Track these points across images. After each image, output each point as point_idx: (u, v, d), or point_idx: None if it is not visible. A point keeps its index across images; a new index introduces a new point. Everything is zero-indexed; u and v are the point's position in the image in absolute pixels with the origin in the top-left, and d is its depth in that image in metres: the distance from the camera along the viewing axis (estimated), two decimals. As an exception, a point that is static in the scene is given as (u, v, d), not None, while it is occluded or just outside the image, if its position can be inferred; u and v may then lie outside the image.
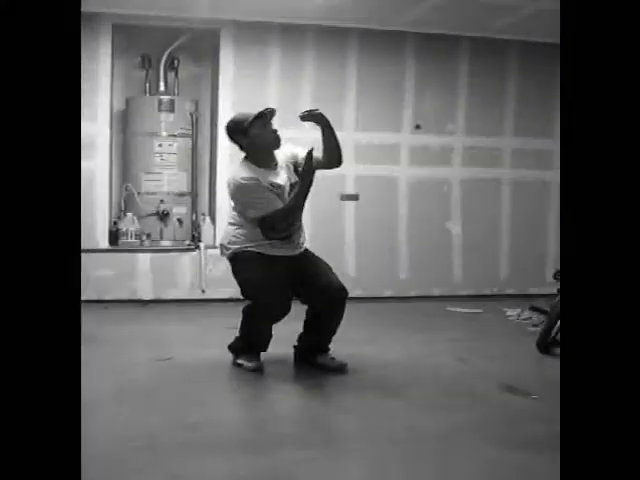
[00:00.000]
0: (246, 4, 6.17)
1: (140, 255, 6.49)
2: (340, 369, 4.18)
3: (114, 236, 6.50)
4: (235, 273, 4.16)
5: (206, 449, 2.94)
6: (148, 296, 6.48)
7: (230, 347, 4.38)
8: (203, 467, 2.76)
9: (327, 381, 4.06)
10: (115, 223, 6.57)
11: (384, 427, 3.28)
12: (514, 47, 7.11)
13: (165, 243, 6.62)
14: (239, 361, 4.28)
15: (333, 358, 4.26)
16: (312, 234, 6.73)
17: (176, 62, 6.85)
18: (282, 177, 4.09)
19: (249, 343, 4.28)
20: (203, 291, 6.59)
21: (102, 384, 3.83)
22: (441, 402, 3.69)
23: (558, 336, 4.75)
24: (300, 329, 4.30)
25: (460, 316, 6.27)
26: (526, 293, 7.04)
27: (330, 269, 4.18)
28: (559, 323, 4.71)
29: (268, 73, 6.69)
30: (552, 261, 7.21)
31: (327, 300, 4.09)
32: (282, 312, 4.02)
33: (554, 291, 5.23)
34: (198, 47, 6.95)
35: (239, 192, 4.02)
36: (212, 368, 4.33)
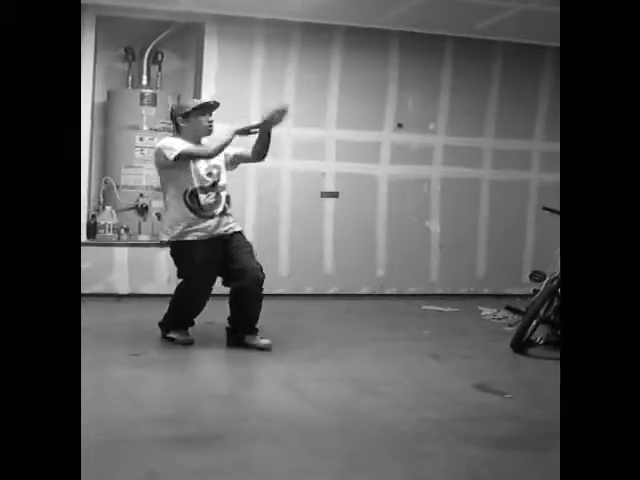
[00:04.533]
0: (231, -1, 6.16)
1: (117, 249, 6.45)
2: (265, 348, 4.49)
3: (92, 229, 6.46)
4: (173, 255, 4.60)
5: (181, 444, 2.94)
6: (125, 290, 6.44)
7: (160, 324, 4.70)
8: (178, 461, 2.75)
9: (301, 376, 4.08)
10: (93, 216, 6.53)
11: (359, 424, 3.29)
12: (497, 48, 7.14)
13: (143, 237, 6.58)
14: (171, 335, 4.63)
15: (261, 337, 4.56)
16: (291, 230, 6.79)
17: (160, 56, 6.82)
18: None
19: (180, 319, 4.64)
20: (180, 286, 6.57)
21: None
22: (416, 399, 3.71)
23: (533, 336, 4.80)
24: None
25: (436, 314, 6.30)
26: (502, 293, 7.09)
27: (251, 253, 4.55)
28: (534, 323, 4.77)
29: (251, 68, 6.67)
30: (529, 262, 7.26)
31: (243, 281, 4.44)
32: (210, 291, 4.48)
33: (530, 292, 5.29)
34: (182, 41, 6.92)
35: (171, 142, 4.38)
36: (187, 364, 4.34)
